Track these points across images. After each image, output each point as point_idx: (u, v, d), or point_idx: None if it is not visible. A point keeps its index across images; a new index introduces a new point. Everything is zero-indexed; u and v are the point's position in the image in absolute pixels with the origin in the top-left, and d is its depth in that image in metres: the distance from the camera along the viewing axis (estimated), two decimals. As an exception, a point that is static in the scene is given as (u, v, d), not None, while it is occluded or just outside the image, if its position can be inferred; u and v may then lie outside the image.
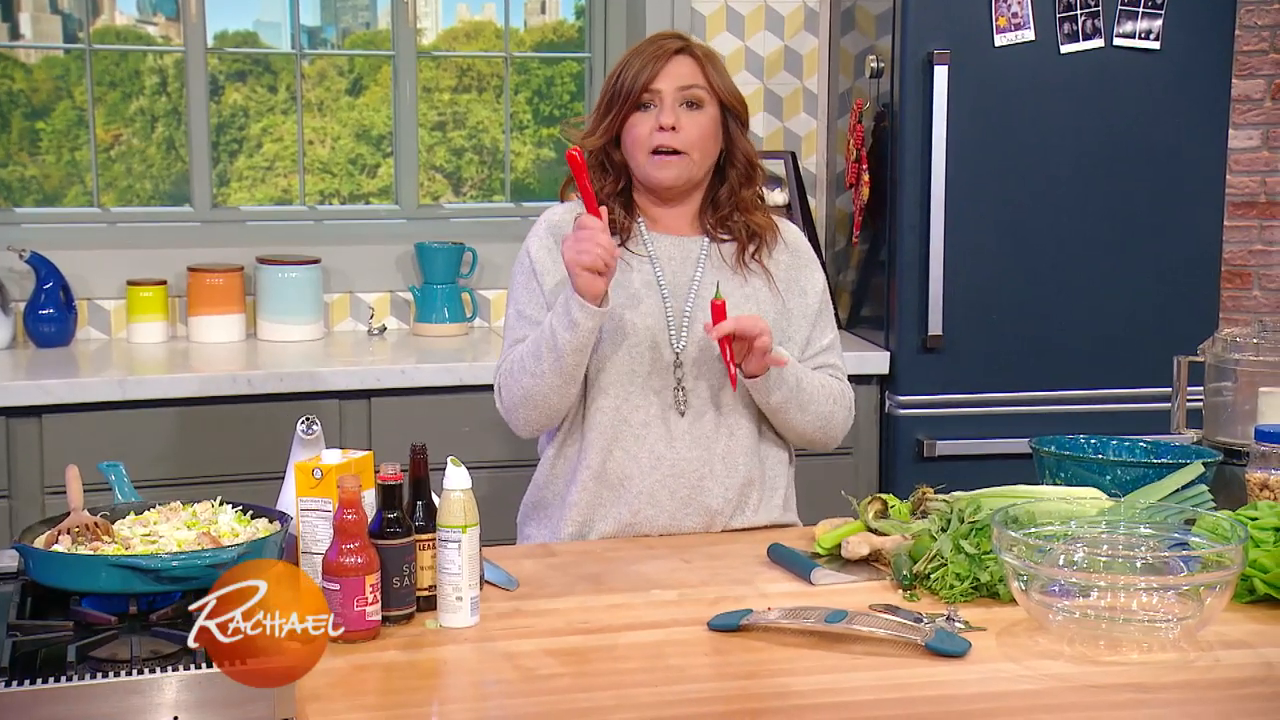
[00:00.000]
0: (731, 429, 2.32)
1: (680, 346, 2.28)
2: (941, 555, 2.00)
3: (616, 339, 2.28)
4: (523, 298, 2.34)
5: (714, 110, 2.27)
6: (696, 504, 2.30)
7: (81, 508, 1.92)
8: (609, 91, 2.30)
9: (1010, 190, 3.50)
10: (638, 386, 2.29)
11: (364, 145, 4.13)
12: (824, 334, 2.40)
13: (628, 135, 2.27)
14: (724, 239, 2.34)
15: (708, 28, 3.93)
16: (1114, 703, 1.67)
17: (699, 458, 2.31)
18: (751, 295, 2.31)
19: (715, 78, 2.28)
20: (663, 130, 2.24)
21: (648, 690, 1.68)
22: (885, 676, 1.73)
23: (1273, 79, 4.32)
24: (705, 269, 2.31)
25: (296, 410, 3.01)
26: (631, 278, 2.29)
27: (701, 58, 2.28)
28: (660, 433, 2.29)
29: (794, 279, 2.37)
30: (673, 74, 2.25)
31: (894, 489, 3.39)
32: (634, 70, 2.26)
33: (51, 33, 3.95)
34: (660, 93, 2.25)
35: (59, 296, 3.55)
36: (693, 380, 2.29)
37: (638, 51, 2.30)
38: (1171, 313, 3.55)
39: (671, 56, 2.26)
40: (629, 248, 2.31)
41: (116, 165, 3.96)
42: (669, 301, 2.29)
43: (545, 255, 2.33)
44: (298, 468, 1.93)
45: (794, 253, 2.38)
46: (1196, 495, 2.18)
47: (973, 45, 3.42)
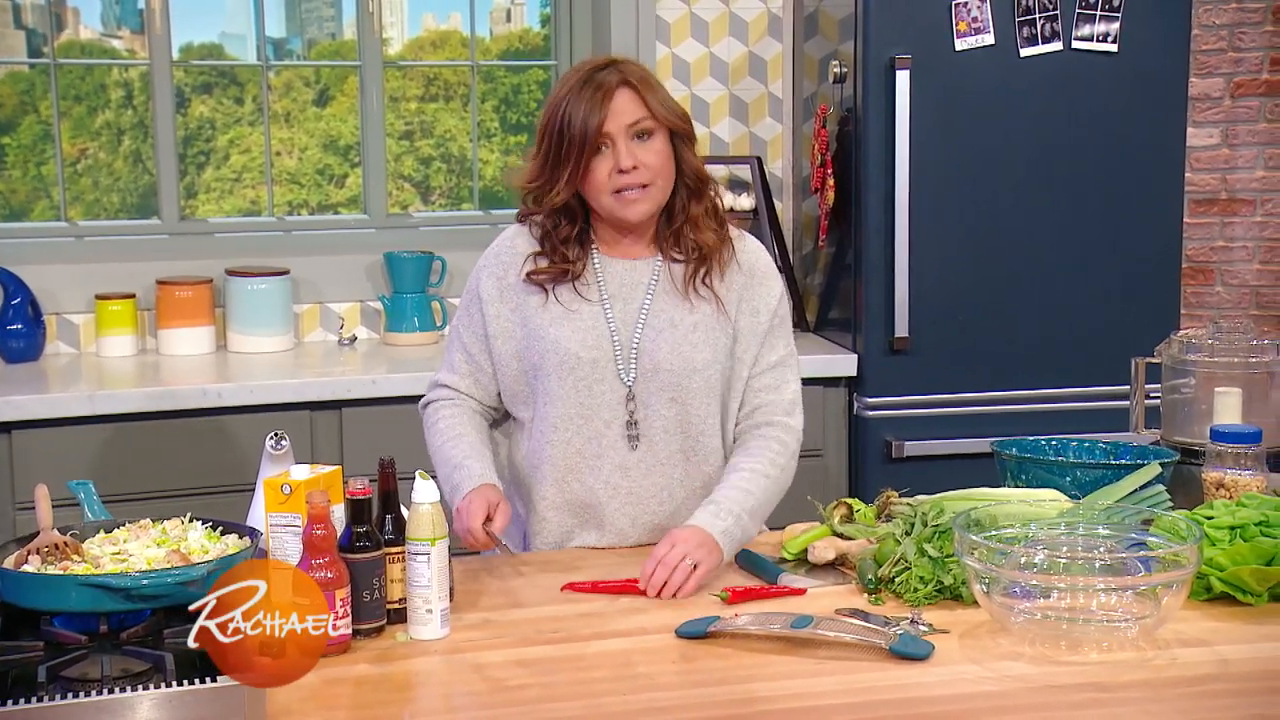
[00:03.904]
0: (687, 453, 2.31)
1: (630, 380, 2.28)
2: (905, 559, 2.03)
3: (563, 374, 2.27)
4: (463, 323, 2.37)
5: (662, 135, 2.24)
6: (660, 531, 2.26)
7: (51, 527, 1.93)
8: (555, 140, 2.22)
9: (973, 192, 3.53)
10: (587, 419, 2.28)
11: (332, 155, 4.14)
12: (773, 350, 2.34)
13: (587, 181, 2.24)
14: (676, 259, 2.32)
15: (672, 34, 3.95)
16: (1074, 702, 1.70)
17: (658, 484, 2.30)
18: (700, 322, 2.29)
19: (656, 105, 2.23)
20: (624, 173, 2.22)
21: (616, 699, 1.70)
22: (851, 680, 1.75)
23: (1231, 77, 4.38)
24: (655, 294, 2.30)
25: (267, 422, 3.05)
26: (581, 312, 2.29)
27: (639, 86, 2.22)
28: (614, 463, 2.29)
29: (746, 299, 2.33)
30: (618, 112, 2.20)
31: (863, 490, 3.43)
32: (580, 116, 2.19)
33: (16, 47, 3.94)
34: (610, 134, 2.21)
35: (27, 311, 3.55)
36: (644, 411, 2.28)
37: (574, 92, 2.21)
38: (1134, 311, 3.59)
39: (613, 94, 2.21)
40: (579, 283, 2.30)
41: (83, 179, 3.95)
42: (617, 336, 2.28)
43: (492, 286, 2.32)
44: (267, 483, 1.95)
45: (749, 272, 2.34)
46: (1154, 495, 2.22)
47: (933, 50, 3.46)
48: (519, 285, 2.31)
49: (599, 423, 2.28)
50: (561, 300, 2.29)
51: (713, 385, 2.30)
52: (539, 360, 2.29)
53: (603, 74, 2.23)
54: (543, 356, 2.28)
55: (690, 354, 2.28)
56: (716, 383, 2.30)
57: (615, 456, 2.28)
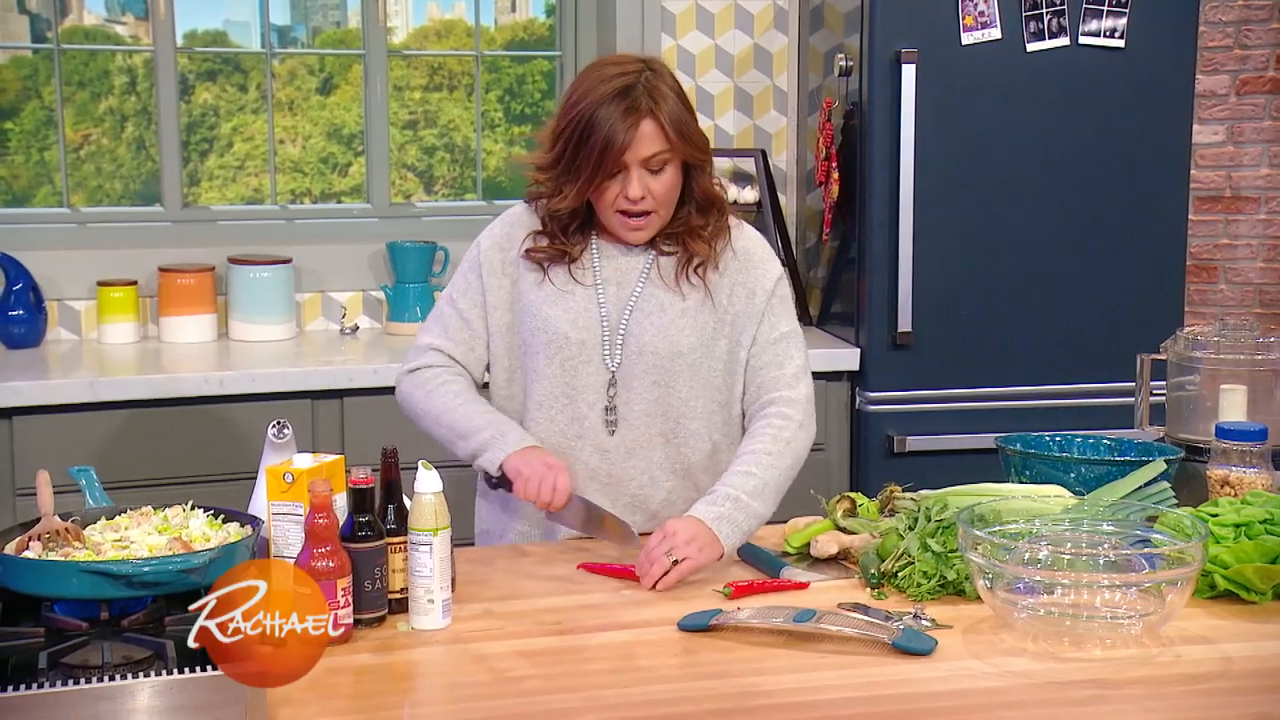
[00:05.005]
0: (668, 436, 2.31)
1: (615, 365, 2.29)
2: (909, 554, 2.02)
3: (551, 353, 2.29)
4: (459, 287, 2.37)
5: (676, 164, 2.24)
6: (641, 509, 2.31)
7: (52, 513, 1.92)
8: (573, 147, 2.21)
9: (978, 187, 3.53)
10: (572, 400, 2.29)
11: (335, 144, 4.13)
12: (773, 328, 2.32)
13: (595, 196, 2.25)
14: (666, 251, 2.32)
15: (678, 26, 3.94)
16: (1077, 699, 1.69)
17: (637, 467, 2.31)
18: (688, 310, 2.30)
19: (676, 138, 2.21)
20: (630, 200, 2.23)
21: (617, 691, 1.70)
22: (853, 675, 1.75)
23: (1237, 74, 4.37)
24: (648, 281, 2.31)
25: (268, 411, 3.04)
26: (574, 294, 2.30)
27: (665, 121, 2.20)
28: (593, 445, 2.30)
29: (740, 283, 2.33)
30: (641, 141, 2.19)
31: (864, 485, 3.43)
32: (602, 135, 2.18)
33: (19, 32, 3.93)
34: (626, 164, 2.21)
35: (29, 297, 3.54)
36: (625, 394, 2.29)
37: (604, 104, 2.18)
38: (1138, 307, 3.58)
39: (641, 121, 2.19)
40: (575, 266, 2.31)
41: (86, 165, 3.94)
42: (606, 320, 2.29)
43: (495, 257, 2.35)
44: (269, 472, 1.94)
45: (743, 258, 2.34)
46: (1159, 492, 2.21)
47: (940, 44, 3.45)
48: (518, 261, 2.33)
49: (582, 404, 2.30)
50: (556, 281, 2.31)
51: (697, 370, 2.30)
52: (528, 337, 2.31)
53: (636, 93, 2.19)
54: (533, 334, 2.30)
55: (676, 337, 2.28)
56: (702, 368, 2.31)
57: (594, 439, 2.30)
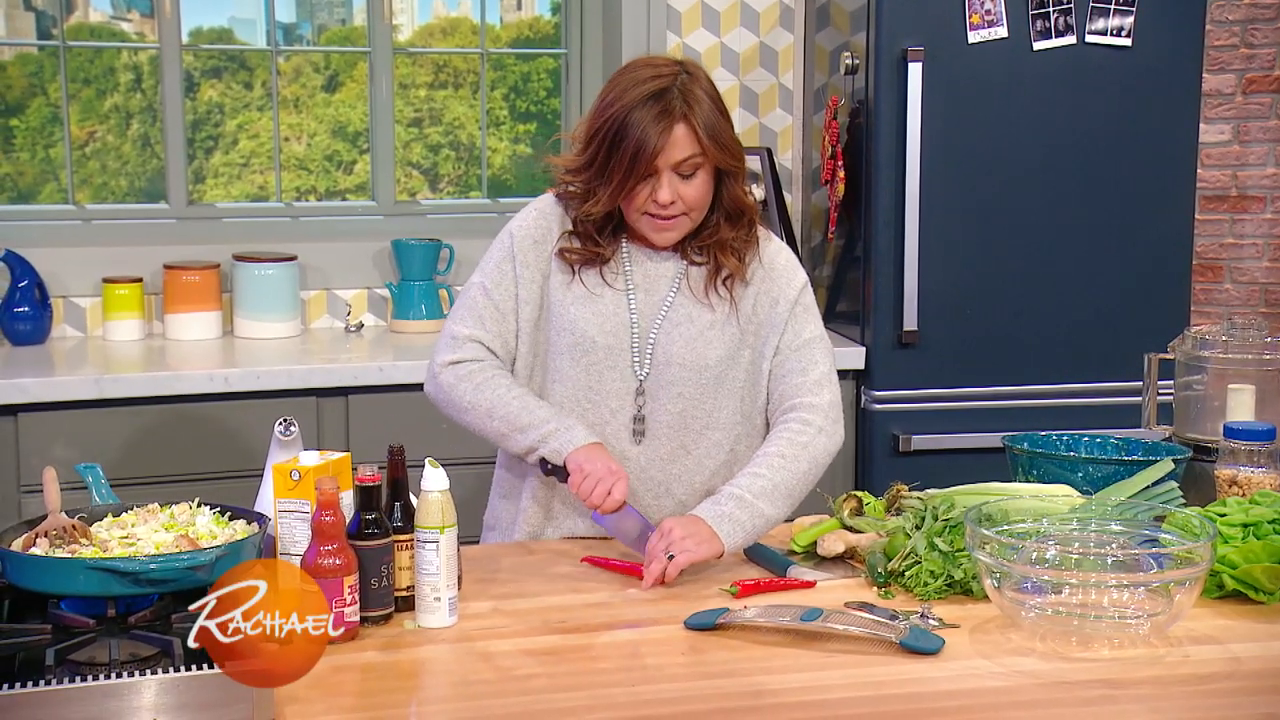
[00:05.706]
0: (689, 448, 2.30)
1: (644, 374, 2.27)
2: (915, 553, 2.02)
3: (576, 356, 2.26)
4: (493, 277, 2.30)
5: (708, 169, 2.22)
6: (657, 518, 2.26)
7: (59, 510, 1.92)
8: (606, 150, 2.19)
9: (984, 186, 3.52)
10: (594, 405, 2.27)
11: (340, 142, 4.13)
12: (797, 335, 2.31)
13: (625, 199, 2.23)
14: (696, 262, 2.31)
15: (684, 24, 3.94)
16: (1084, 699, 1.69)
17: (655, 479, 2.30)
18: (716, 323, 2.29)
19: (709, 144, 2.19)
20: (659, 204, 2.21)
21: (624, 690, 1.70)
22: (860, 674, 1.75)
23: (1243, 74, 4.36)
24: (679, 290, 2.29)
25: (274, 408, 3.04)
26: (604, 297, 2.28)
27: (698, 126, 2.18)
28: (615, 453, 2.25)
29: (764, 292, 2.31)
30: (673, 145, 2.18)
31: (870, 484, 3.42)
32: (635, 139, 2.16)
33: (25, 29, 3.93)
34: (658, 168, 2.19)
35: (34, 294, 3.54)
36: (652, 405, 2.28)
37: (639, 107, 2.17)
38: (1144, 307, 3.58)
39: (674, 125, 2.17)
40: (606, 269, 2.29)
41: (91, 162, 3.94)
42: (636, 327, 2.27)
43: (529, 249, 2.30)
44: (276, 469, 1.94)
45: (769, 269, 2.33)
46: (1166, 492, 2.21)
47: (946, 42, 3.44)
48: (551, 258, 2.30)
49: (605, 410, 2.27)
50: (586, 283, 2.28)
51: (722, 382, 2.29)
52: (553, 336, 2.28)
53: (670, 97, 2.18)
54: (558, 334, 2.27)
55: (704, 350, 2.27)
56: (726, 380, 2.29)
57: (616, 446, 2.27)
